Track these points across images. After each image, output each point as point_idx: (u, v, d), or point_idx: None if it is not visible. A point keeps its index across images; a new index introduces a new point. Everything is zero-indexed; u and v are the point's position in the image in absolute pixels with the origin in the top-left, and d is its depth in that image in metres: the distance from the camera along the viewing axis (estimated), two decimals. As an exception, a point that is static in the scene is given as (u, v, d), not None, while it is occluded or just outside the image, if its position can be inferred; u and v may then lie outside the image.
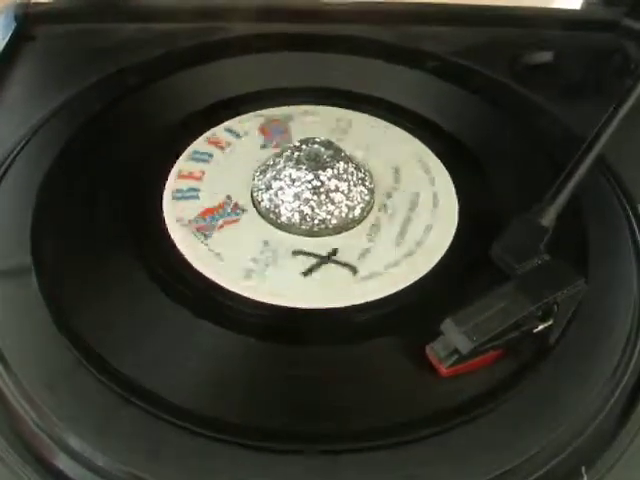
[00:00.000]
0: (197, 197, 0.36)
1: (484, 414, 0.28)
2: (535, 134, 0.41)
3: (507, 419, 0.28)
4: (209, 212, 0.36)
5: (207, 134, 0.40)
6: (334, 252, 0.34)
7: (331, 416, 0.28)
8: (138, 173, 0.37)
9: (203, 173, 0.38)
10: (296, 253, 0.34)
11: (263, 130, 0.40)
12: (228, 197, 0.36)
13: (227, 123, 0.41)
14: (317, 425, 0.28)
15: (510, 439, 0.28)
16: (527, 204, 0.33)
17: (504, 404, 0.28)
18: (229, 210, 0.36)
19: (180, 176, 0.38)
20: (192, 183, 0.37)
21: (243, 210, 0.36)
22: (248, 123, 0.41)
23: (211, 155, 0.39)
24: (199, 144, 0.39)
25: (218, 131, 0.40)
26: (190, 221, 0.35)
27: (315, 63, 0.45)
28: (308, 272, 0.33)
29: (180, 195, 0.37)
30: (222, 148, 0.39)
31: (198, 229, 0.35)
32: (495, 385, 0.29)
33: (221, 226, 0.35)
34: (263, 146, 0.39)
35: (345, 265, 0.33)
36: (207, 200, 0.36)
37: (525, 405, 0.29)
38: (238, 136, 0.40)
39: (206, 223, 0.35)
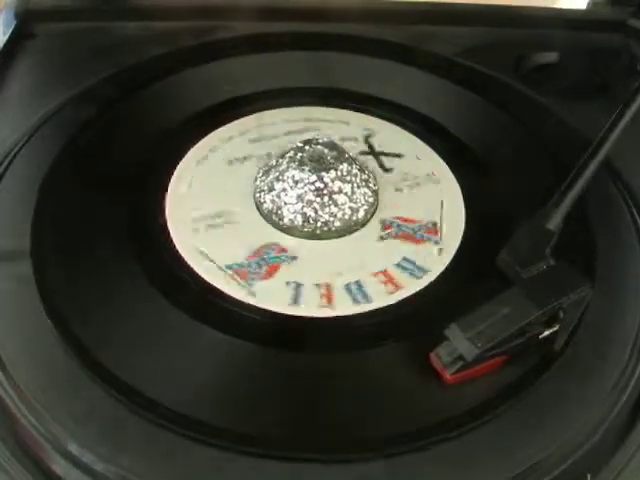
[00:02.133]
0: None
1: (488, 422, 0.28)
2: (540, 135, 0.40)
3: (512, 426, 0.28)
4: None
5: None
6: None
7: (333, 424, 0.28)
8: (140, 173, 0.37)
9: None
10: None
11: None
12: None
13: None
14: (319, 433, 0.28)
15: (515, 446, 0.27)
16: (534, 208, 0.33)
17: (509, 411, 0.28)
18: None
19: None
20: None
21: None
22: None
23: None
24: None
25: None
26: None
27: (325, 62, 0.45)
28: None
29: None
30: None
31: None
32: (500, 392, 0.29)
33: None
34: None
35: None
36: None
37: (530, 412, 0.28)
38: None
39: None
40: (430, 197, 0.37)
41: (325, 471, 0.27)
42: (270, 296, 0.32)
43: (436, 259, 0.34)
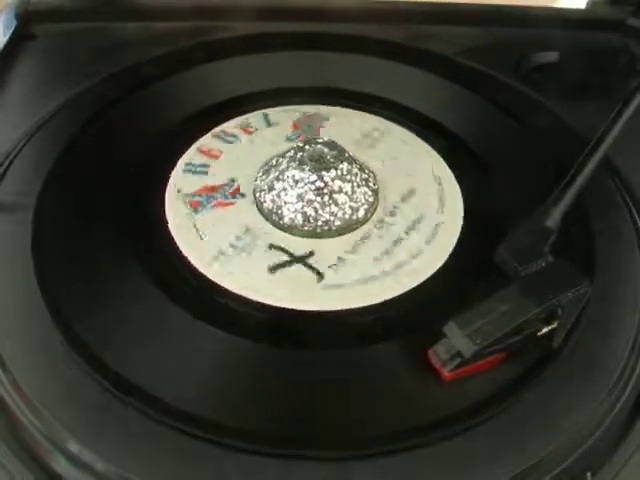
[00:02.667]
0: (205, 173, 0.37)
1: (486, 420, 0.28)
2: (540, 135, 0.40)
3: (511, 425, 0.28)
4: (207, 190, 0.36)
5: (240, 118, 0.41)
6: (310, 254, 0.34)
7: (330, 422, 0.28)
8: (141, 172, 0.37)
9: (221, 152, 0.38)
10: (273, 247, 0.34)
11: (295, 124, 0.40)
12: (232, 180, 0.37)
13: (265, 110, 0.41)
14: (317, 431, 0.28)
15: (514, 445, 0.27)
16: (532, 206, 0.33)
17: (508, 409, 0.28)
18: (227, 193, 0.36)
19: (200, 151, 0.38)
20: (207, 160, 0.38)
21: (242, 195, 0.36)
22: (285, 114, 0.41)
23: (236, 137, 0.39)
24: (228, 126, 0.40)
25: (252, 116, 0.41)
26: (187, 194, 0.36)
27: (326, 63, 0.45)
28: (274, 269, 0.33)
29: (190, 168, 0.37)
30: (250, 133, 0.40)
31: (191, 204, 0.35)
32: (498, 390, 0.29)
33: (214, 206, 0.35)
34: (289, 138, 0.39)
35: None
36: (212, 179, 0.37)
37: (529, 410, 0.28)
38: (269, 124, 0.40)
39: (201, 199, 0.36)
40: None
41: (321, 469, 0.27)
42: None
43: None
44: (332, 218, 0.34)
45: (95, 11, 0.49)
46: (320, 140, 0.36)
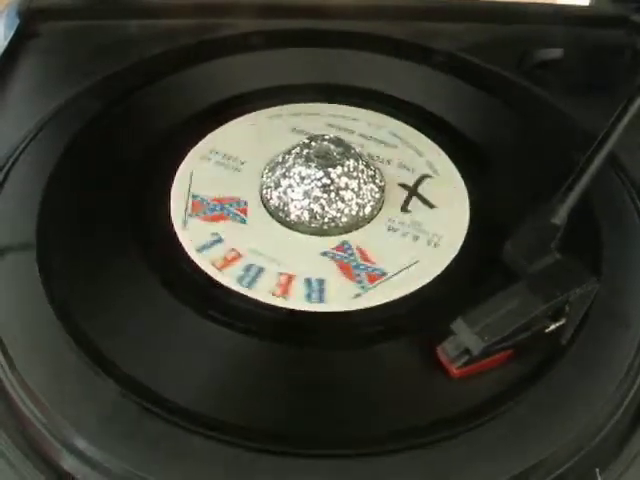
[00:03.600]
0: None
1: (495, 417, 0.28)
2: (545, 132, 0.40)
3: (519, 421, 0.28)
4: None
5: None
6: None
7: (337, 419, 0.28)
8: (145, 170, 0.37)
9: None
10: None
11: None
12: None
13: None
14: (327, 429, 0.28)
15: (522, 442, 0.27)
16: (538, 203, 0.33)
17: (516, 406, 0.28)
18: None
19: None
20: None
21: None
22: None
23: None
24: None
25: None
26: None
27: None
28: None
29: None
30: None
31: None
32: (506, 387, 0.29)
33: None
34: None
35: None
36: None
37: (537, 407, 0.28)
38: None
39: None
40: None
41: (329, 467, 0.27)
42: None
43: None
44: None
45: (97, 9, 0.49)
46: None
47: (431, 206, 0.36)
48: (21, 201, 0.35)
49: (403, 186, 0.37)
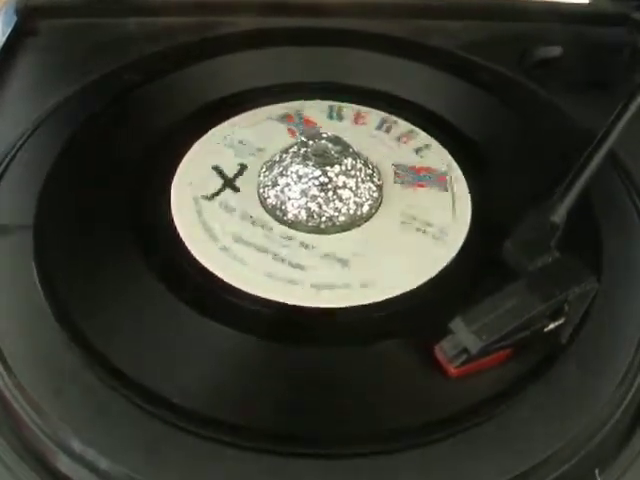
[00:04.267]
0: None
1: (494, 417, 0.28)
2: (545, 130, 0.40)
3: (518, 421, 0.28)
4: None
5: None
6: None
7: (336, 418, 0.28)
8: (145, 167, 0.37)
9: None
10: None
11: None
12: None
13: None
14: (324, 428, 0.28)
15: (521, 442, 0.27)
16: (538, 201, 0.33)
17: (515, 406, 0.28)
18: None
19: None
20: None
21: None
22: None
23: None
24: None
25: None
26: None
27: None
28: None
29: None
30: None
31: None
32: (505, 386, 0.29)
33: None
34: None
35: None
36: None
37: (537, 406, 0.28)
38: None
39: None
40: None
41: (327, 466, 0.26)
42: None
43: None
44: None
45: (95, 7, 0.49)
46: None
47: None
48: (18, 200, 0.35)
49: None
